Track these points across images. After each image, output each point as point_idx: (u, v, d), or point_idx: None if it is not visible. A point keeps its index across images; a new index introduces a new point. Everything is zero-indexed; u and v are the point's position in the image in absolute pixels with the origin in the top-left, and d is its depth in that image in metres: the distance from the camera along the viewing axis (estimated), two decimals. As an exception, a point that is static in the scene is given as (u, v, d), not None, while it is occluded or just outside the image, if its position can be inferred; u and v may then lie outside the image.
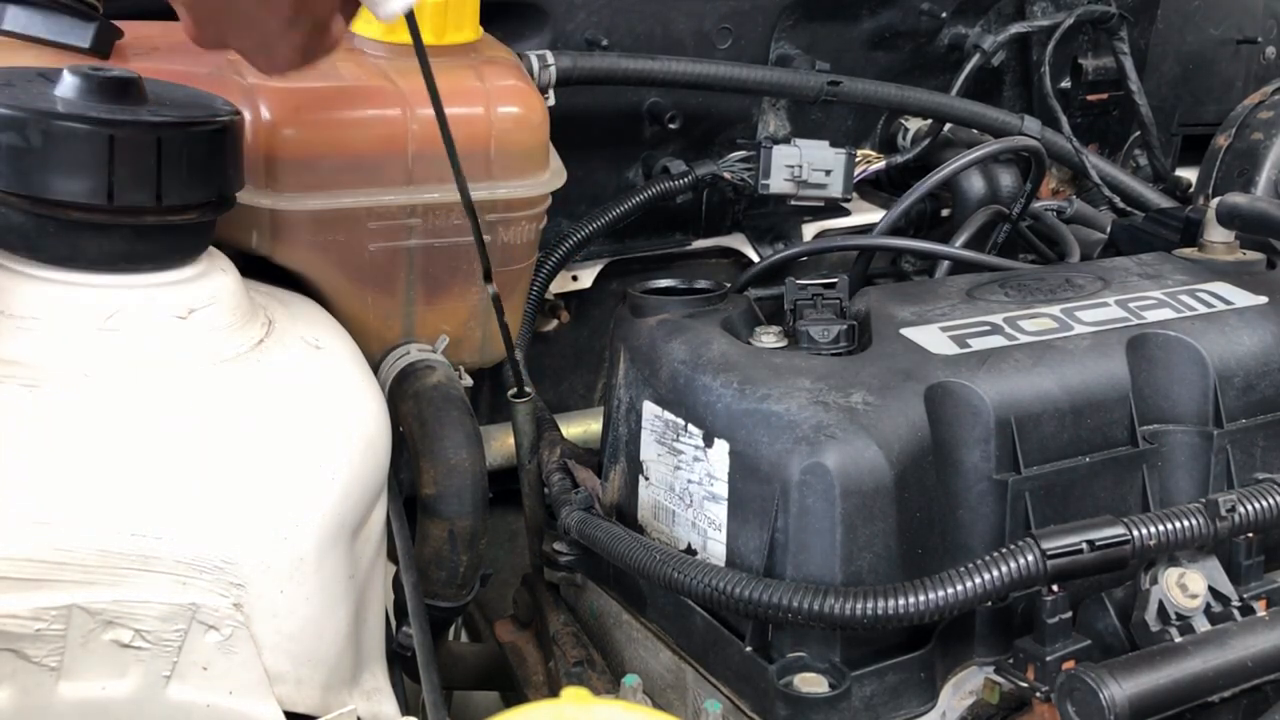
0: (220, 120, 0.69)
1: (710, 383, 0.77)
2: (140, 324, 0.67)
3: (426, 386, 0.86)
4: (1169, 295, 0.90)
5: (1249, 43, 1.56)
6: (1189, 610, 0.72)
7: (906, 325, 0.84)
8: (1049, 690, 0.70)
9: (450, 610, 0.87)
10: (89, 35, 0.83)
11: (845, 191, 1.20)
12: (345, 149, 0.83)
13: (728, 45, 1.22)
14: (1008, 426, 0.77)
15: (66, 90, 0.66)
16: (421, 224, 0.87)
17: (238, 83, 0.82)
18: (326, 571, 0.68)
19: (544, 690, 0.91)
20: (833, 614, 0.68)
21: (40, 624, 0.60)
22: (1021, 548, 0.69)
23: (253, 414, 0.67)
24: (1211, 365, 0.84)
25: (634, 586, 0.85)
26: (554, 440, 0.94)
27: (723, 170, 1.19)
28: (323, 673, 0.69)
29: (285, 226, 0.84)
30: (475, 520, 0.84)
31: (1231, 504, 0.72)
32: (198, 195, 0.68)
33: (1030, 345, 0.82)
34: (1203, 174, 1.24)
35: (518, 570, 1.01)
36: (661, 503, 0.81)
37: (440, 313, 0.92)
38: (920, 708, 0.74)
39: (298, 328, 0.76)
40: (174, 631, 0.63)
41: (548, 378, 1.24)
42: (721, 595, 0.71)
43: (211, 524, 0.63)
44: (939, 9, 1.34)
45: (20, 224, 0.66)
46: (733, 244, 1.31)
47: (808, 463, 0.72)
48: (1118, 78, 1.41)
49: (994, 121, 1.28)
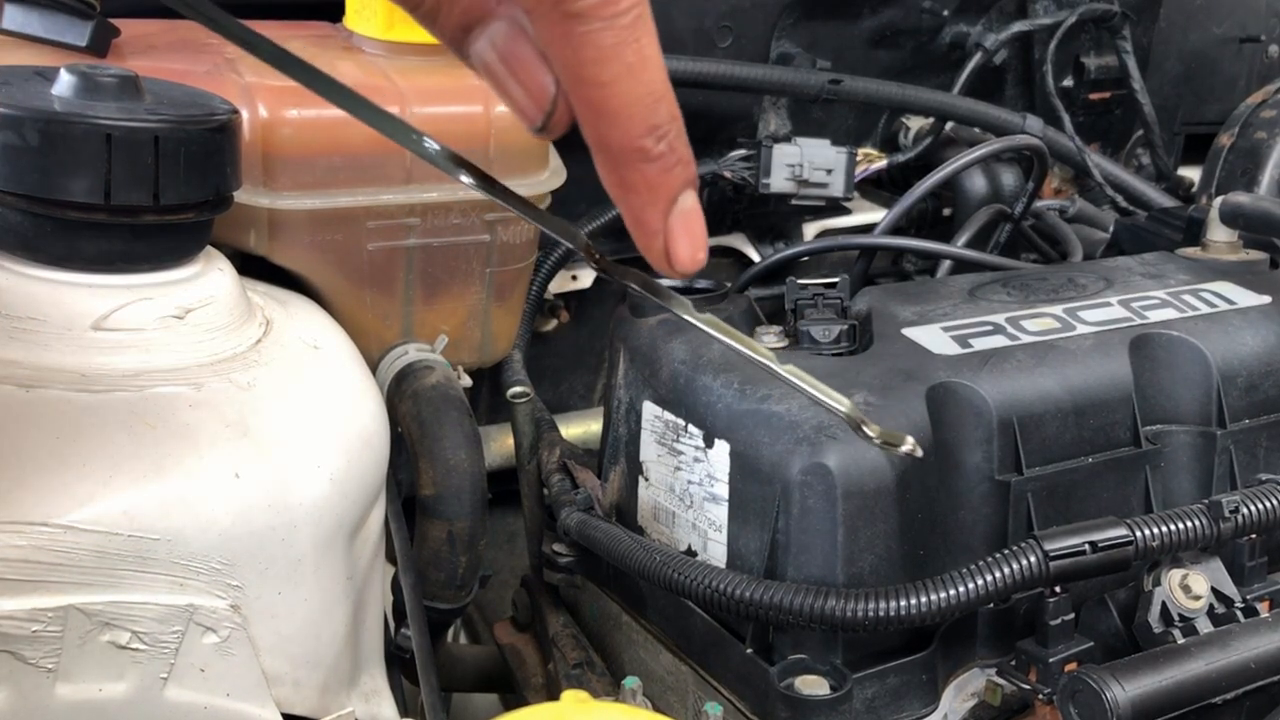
0: (218, 119, 0.69)
1: (711, 383, 0.77)
2: (137, 324, 0.66)
3: (425, 386, 0.86)
4: (1172, 295, 0.90)
5: (1252, 41, 1.56)
6: (1192, 612, 0.72)
7: (908, 325, 0.84)
8: (1051, 692, 0.69)
9: (449, 612, 0.87)
10: (86, 34, 0.83)
11: (846, 191, 1.20)
12: (343, 148, 0.83)
13: (728, 43, 1.22)
14: (1010, 427, 0.77)
15: (63, 89, 0.66)
16: (420, 223, 0.87)
17: (235, 81, 0.82)
18: (324, 573, 0.68)
19: (543, 692, 0.91)
20: (834, 615, 0.67)
21: (37, 625, 0.60)
22: (1024, 549, 0.69)
23: (250, 414, 0.66)
24: (1214, 365, 0.83)
25: (634, 588, 0.85)
26: (553, 441, 0.94)
27: (723, 169, 1.19)
28: (321, 674, 0.69)
29: (283, 226, 0.83)
30: (474, 521, 0.84)
31: (1235, 505, 0.72)
32: (195, 195, 0.68)
33: (1033, 345, 0.82)
34: (1205, 173, 1.24)
35: (517, 572, 1.01)
36: (661, 504, 0.81)
37: (439, 313, 0.92)
38: (922, 710, 0.73)
39: (296, 327, 0.76)
40: (171, 633, 0.62)
41: (548, 378, 1.24)
42: (722, 597, 0.71)
43: (209, 525, 0.63)
44: (941, 7, 1.33)
45: (16, 223, 0.66)
46: (733, 243, 1.31)
47: (809, 463, 0.71)
48: (1120, 76, 1.41)
49: (996, 120, 1.27)
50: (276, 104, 0.81)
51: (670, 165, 0.46)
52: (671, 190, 0.46)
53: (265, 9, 0.97)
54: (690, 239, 0.47)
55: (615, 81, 0.43)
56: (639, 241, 0.48)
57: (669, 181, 0.46)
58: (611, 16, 0.42)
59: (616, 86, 0.43)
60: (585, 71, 0.43)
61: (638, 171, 0.45)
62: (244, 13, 0.96)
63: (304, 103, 0.81)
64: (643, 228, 0.47)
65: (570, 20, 0.42)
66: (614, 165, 0.45)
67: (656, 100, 0.44)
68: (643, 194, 0.46)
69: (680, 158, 0.46)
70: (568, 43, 0.42)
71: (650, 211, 0.47)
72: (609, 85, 0.43)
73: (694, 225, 0.47)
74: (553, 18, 0.42)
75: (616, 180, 0.46)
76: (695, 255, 0.48)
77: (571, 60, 0.43)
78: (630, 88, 0.43)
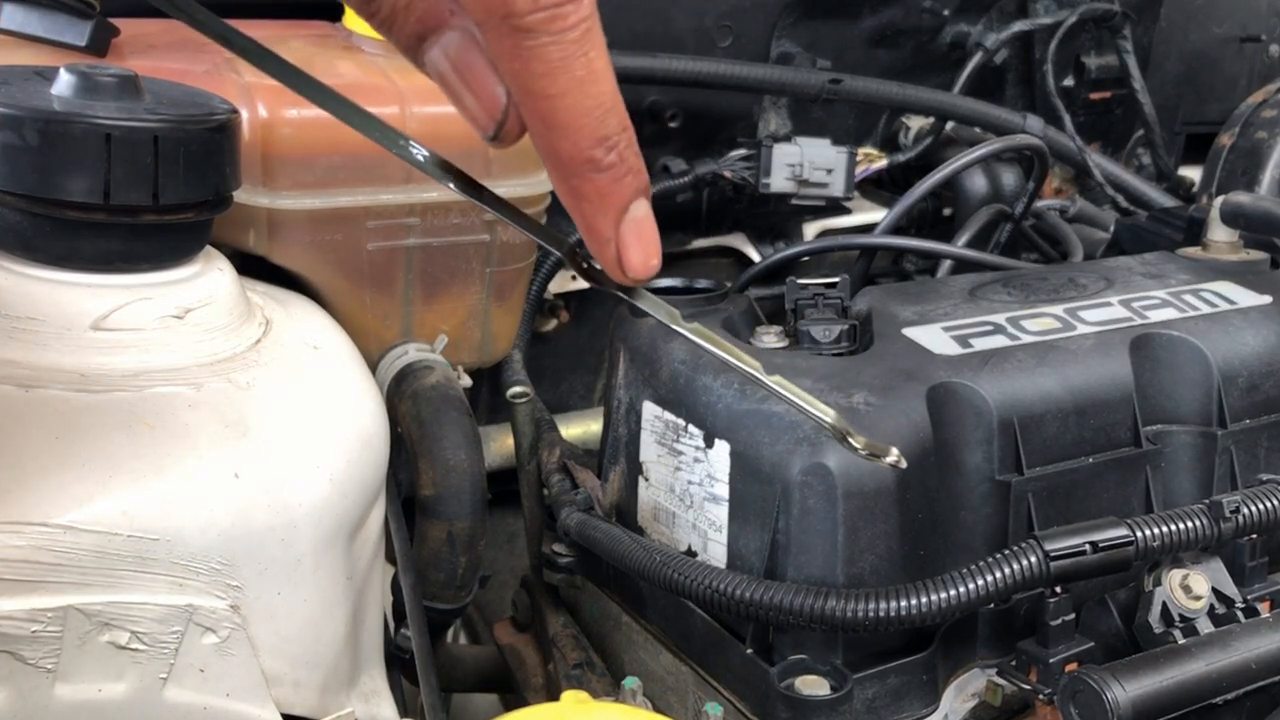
0: (218, 119, 0.69)
1: (711, 383, 0.77)
2: (136, 324, 0.66)
3: (425, 386, 0.86)
4: (1172, 295, 0.90)
5: (1253, 41, 1.56)
6: (1192, 612, 0.72)
7: (908, 325, 0.84)
8: (1052, 692, 0.69)
9: (449, 612, 0.87)
10: (85, 33, 0.83)
11: (846, 190, 1.20)
12: (343, 148, 0.83)
13: (728, 43, 1.22)
14: (1010, 427, 0.77)
15: (63, 89, 0.66)
16: (420, 223, 0.87)
17: (235, 81, 0.82)
18: (324, 573, 0.68)
19: (543, 693, 0.91)
20: (835, 615, 0.67)
21: (37, 625, 0.59)
22: (1024, 549, 0.69)
23: (250, 414, 0.66)
24: (1215, 365, 0.83)
25: (634, 588, 0.85)
26: (553, 441, 0.94)
27: (723, 169, 1.19)
28: (320, 675, 0.69)
29: (282, 226, 0.83)
30: (474, 521, 0.84)
31: (1235, 505, 0.72)
32: (195, 194, 0.68)
33: (1033, 345, 0.82)
34: (1206, 173, 1.24)
35: (517, 572, 1.01)
36: (661, 504, 0.81)
37: (439, 312, 0.92)
38: (922, 710, 0.73)
39: (295, 327, 0.75)
40: (171, 633, 0.62)
41: (547, 378, 1.24)
42: (722, 597, 0.70)
43: (208, 525, 0.63)
44: (941, 6, 1.33)
45: (16, 223, 0.66)
46: (733, 243, 1.31)
47: (809, 463, 0.71)
48: (1121, 76, 1.41)
49: (996, 120, 1.27)
50: (276, 104, 0.81)
51: (620, 175, 0.46)
52: (622, 199, 0.47)
53: (265, 9, 0.97)
54: (642, 246, 0.48)
55: (563, 94, 0.44)
56: (592, 249, 0.49)
57: (619, 190, 0.47)
58: (559, 31, 0.43)
59: (565, 99, 0.44)
60: (534, 84, 0.44)
61: (588, 181, 0.46)
62: (244, 13, 0.96)
63: (303, 103, 0.81)
64: (594, 235, 0.48)
65: (518, 34, 0.42)
66: (565, 175, 0.46)
67: (605, 112, 0.45)
68: (594, 203, 0.47)
69: (631, 167, 0.47)
70: (516, 56, 0.43)
71: (601, 220, 0.48)
72: (557, 98, 0.44)
73: (646, 233, 0.48)
74: (501, 31, 0.43)
75: (567, 190, 0.47)
76: (648, 262, 0.49)
77: (520, 73, 0.44)
78: (578, 100, 0.44)
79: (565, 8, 0.42)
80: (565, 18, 0.42)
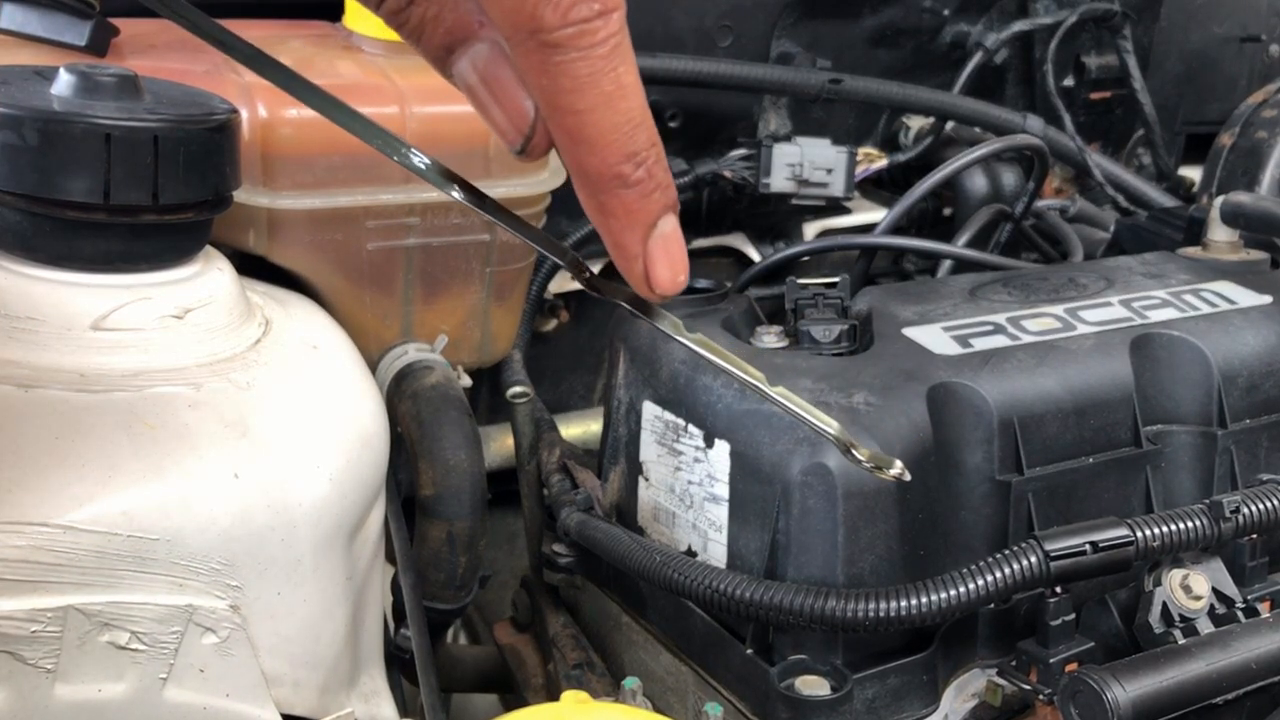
0: (217, 119, 0.69)
1: (711, 383, 0.77)
2: (136, 324, 0.66)
3: (425, 386, 0.86)
4: (1173, 295, 0.90)
5: (1253, 41, 1.56)
6: (1193, 612, 0.72)
7: (909, 325, 0.84)
8: (1052, 693, 0.69)
9: (449, 612, 0.87)
10: (85, 33, 0.82)
11: (847, 190, 1.20)
12: (343, 148, 0.83)
13: (728, 43, 1.22)
14: (1010, 427, 0.77)
15: (63, 89, 0.66)
16: (420, 223, 0.87)
17: (235, 80, 0.82)
18: (324, 573, 0.68)
19: (543, 693, 0.91)
20: (835, 616, 0.67)
21: (36, 625, 0.59)
22: (1025, 549, 0.69)
23: (249, 414, 0.66)
24: (1215, 365, 0.83)
25: (634, 588, 0.85)
26: (553, 441, 0.94)
27: (723, 169, 1.19)
28: (320, 675, 0.69)
29: (282, 226, 0.83)
30: (474, 521, 0.84)
31: (1235, 505, 0.72)
32: (195, 194, 0.68)
33: (1033, 345, 0.82)
34: (1206, 173, 1.24)
35: (517, 572, 1.01)
36: (661, 504, 0.81)
37: (439, 312, 0.92)
38: (922, 710, 0.73)
39: (295, 327, 0.75)
40: (171, 633, 0.62)
41: (547, 378, 1.24)
42: (722, 597, 0.70)
43: (208, 525, 0.63)
44: (941, 6, 1.33)
45: (15, 223, 0.66)
46: (733, 243, 1.30)
47: (809, 463, 0.71)
48: (1121, 76, 1.41)
49: (996, 119, 1.27)
50: (276, 103, 0.81)
51: (649, 191, 0.46)
52: (650, 215, 0.47)
53: (266, 9, 0.97)
54: (670, 263, 0.48)
55: (592, 110, 0.43)
56: (619, 265, 0.48)
57: (647, 207, 0.46)
58: (588, 47, 0.42)
59: (593, 115, 0.43)
60: (562, 100, 0.43)
61: (616, 197, 0.46)
62: (244, 13, 0.96)
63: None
64: (622, 252, 0.48)
65: (547, 50, 0.42)
66: (592, 190, 0.46)
67: (634, 128, 0.44)
68: (621, 219, 0.46)
69: (659, 183, 0.46)
70: (544, 71, 0.43)
71: (629, 236, 0.47)
72: (586, 114, 0.43)
73: (674, 249, 0.48)
74: (529, 46, 0.42)
75: (595, 205, 0.46)
76: (675, 279, 0.48)
77: (548, 88, 0.43)
78: (607, 116, 0.44)
79: (594, 23, 0.42)
80: (594, 33, 0.42)
